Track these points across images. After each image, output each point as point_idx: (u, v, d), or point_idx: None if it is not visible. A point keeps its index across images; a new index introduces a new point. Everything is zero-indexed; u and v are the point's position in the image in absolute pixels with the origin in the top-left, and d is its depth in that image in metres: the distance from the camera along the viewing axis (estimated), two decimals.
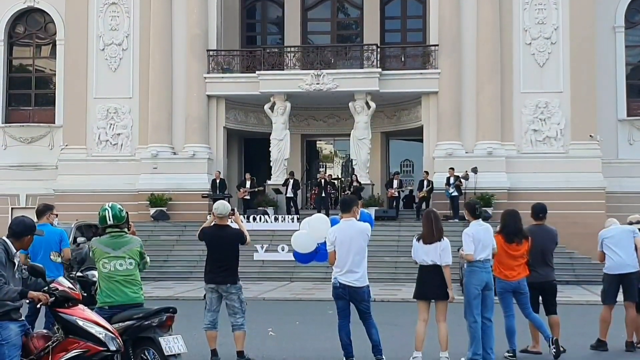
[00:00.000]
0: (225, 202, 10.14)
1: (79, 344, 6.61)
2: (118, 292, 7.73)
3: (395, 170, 29.52)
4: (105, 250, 7.80)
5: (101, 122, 28.90)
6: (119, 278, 7.77)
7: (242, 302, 9.74)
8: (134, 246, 7.97)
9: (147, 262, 8.07)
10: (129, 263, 7.84)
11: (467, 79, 27.64)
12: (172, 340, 7.39)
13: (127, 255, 7.85)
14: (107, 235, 7.97)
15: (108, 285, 7.71)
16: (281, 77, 28.24)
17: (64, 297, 6.74)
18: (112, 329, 6.86)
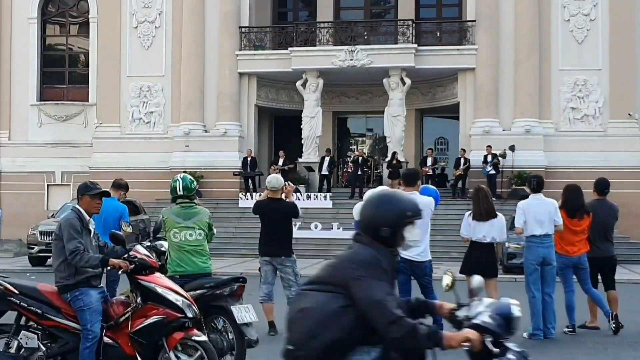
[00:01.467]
0: (278, 176, 10.09)
1: (157, 311, 6.63)
2: (188, 261, 7.86)
3: (430, 148, 29.17)
4: (176, 220, 7.93)
5: (134, 100, 28.92)
6: (188, 248, 7.91)
7: (297, 275, 9.72)
8: (203, 217, 8.11)
9: (214, 233, 8.20)
10: (198, 233, 7.97)
11: (505, 55, 27.22)
12: (243, 309, 7.45)
13: (196, 225, 7.99)
14: (177, 205, 8.08)
15: (179, 255, 7.82)
16: (314, 54, 27.99)
17: (143, 264, 6.74)
18: (188, 297, 6.85)
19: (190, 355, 6.65)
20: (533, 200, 9.65)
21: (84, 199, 6.85)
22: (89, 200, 6.85)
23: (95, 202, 6.87)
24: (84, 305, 6.55)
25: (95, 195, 6.87)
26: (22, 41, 30.69)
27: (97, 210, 6.93)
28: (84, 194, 6.87)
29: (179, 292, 6.78)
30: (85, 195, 6.87)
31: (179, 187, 8.03)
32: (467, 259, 9.72)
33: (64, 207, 23.00)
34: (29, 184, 30.14)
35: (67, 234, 6.58)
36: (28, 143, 30.55)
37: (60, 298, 6.69)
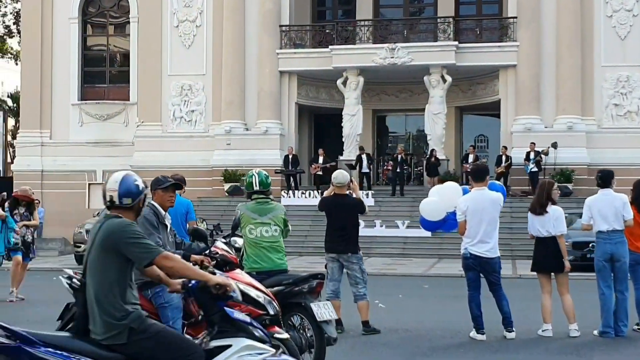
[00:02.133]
0: (344, 172, 9.97)
1: (240, 307, 6.45)
2: (265, 258, 7.75)
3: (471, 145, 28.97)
4: (252, 216, 7.81)
5: (175, 99, 29.11)
6: (265, 244, 7.79)
7: (364, 272, 9.63)
8: (279, 213, 7.98)
9: (289, 229, 8.05)
10: (274, 230, 7.85)
11: (547, 52, 27.01)
12: (322, 306, 7.33)
13: (272, 221, 7.86)
14: (253, 201, 7.97)
15: (255, 251, 7.72)
16: (354, 52, 27.96)
17: (224, 260, 6.70)
18: (269, 293, 6.70)
19: None
20: (600, 195, 9.56)
21: (156, 194, 6.75)
22: (162, 194, 6.74)
23: (168, 196, 6.77)
24: (166, 302, 6.47)
25: (168, 188, 6.77)
26: (63, 41, 31.00)
27: (171, 203, 6.84)
28: (156, 188, 6.77)
29: (260, 289, 6.64)
30: (157, 189, 6.76)
31: (255, 183, 7.93)
32: (533, 256, 9.66)
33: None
34: (71, 183, 30.42)
35: (144, 229, 6.36)
36: (69, 142, 30.83)
37: (141, 295, 6.63)
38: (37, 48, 30.91)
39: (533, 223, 9.45)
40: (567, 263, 9.37)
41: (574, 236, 18.68)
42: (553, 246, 9.39)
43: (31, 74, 31.06)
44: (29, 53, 31.32)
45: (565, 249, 9.41)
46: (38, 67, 30.88)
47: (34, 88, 30.98)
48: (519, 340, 9.18)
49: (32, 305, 12.73)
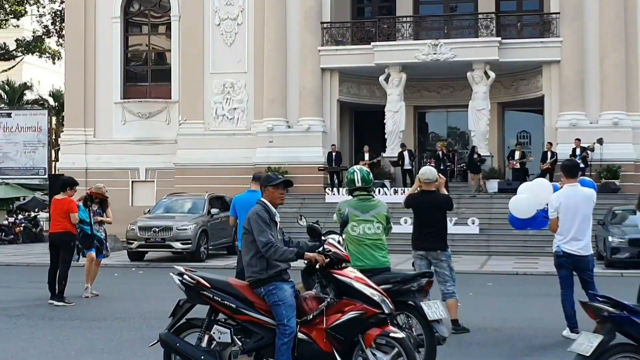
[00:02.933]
0: (432, 168, 9.89)
1: (355, 306, 6.42)
2: (368, 255, 7.70)
3: (517, 141, 28.90)
4: (354, 213, 7.73)
5: (218, 97, 29.29)
6: (368, 242, 7.74)
7: (452, 270, 9.50)
8: (382, 210, 7.91)
9: (391, 227, 7.98)
10: (376, 227, 7.79)
11: (590, 47, 26.85)
12: (432, 305, 7.23)
13: (375, 219, 7.80)
14: (354, 198, 7.92)
15: (358, 249, 7.64)
16: (396, 48, 27.95)
17: (337, 257, 6.59)
18: (382, 291, 6.63)
19: (386, 352, 6.41)
20: None
21: (267, 191, 6.74)
22: (273, 191, 6.72)
23: (279, 193, 6.74)
24: (279, 299, 6.43)
25: (279, 185, 6.76)
26: (105, 41, 31.30)
27: (281, 200, 6.82)
28: (267, 185, 6.76)
29: (373, 287, 6.59)
30: (268, 186, 6.76)
31: (357, 179, 7.90)
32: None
33: (160, 203, 23.41)
34: (114, 181, 30.58)
35: (257, 226, 6.49)
36: (112, 140, 31.15)
37: (253, 293, 6.57)
38: (80, 47, 31.24)
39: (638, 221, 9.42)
40: None
41: (629, 233, 18.62)
42: None
43: (75, 73, 31.40)
44: (73, 52, 31.65)
45: None
46: (82, 66, 31.21)
47: (78, 87, 31.31)
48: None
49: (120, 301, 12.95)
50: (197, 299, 6.70)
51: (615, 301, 5.50)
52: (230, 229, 22.74)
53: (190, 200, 23.11)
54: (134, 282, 16.66)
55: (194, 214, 22.05)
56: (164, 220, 21.48)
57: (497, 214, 24.74)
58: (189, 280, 6.70)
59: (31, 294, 14.04)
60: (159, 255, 21.99)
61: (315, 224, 7.22)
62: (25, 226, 31.79)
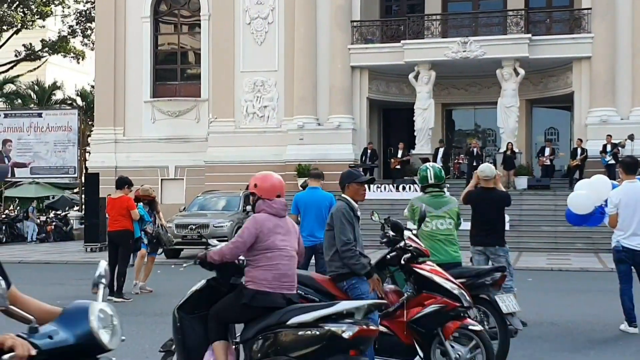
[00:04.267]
0: (491, 165, 10.03)
1: (435, 299, 6.63)
2: (441, 250, 7.88)
3: (546, 138, 28.97)
4: (427, 209, 7.85)
5: (248, 95, 29.50)
6: (440, 237, 7.93)
7: (510, 265, 9.65)
8: (453, 206, 8.12)
9: (460, 222, 8.15)
10: (448, 222, 7.98)
11: (622, 43, 26.85)
12: (506, 298, 7.44)
13: (447, 214, 7.99)
14: (427, 194, 8.11)
15: (431, 244, 7.77)
16: (426, 46, 28.07)
17: (417, 252, 6.81)
18: (461, 285, 6.83)
19: (464, 345, 6.63)
20: None
21: (350, 187, 6.79)
22: (357, 187, 6.78)
23: (362, 189, 6.82)
24: (362, 293, 6.55)
25: (362, 182, 6.85)
26: (135, 40, 31.59)
27: (363, 197, 6.87)
28: (351, 181, 6.81)
29: (452, 281, 6.80)
30: (352, 183, 6.80)
31: (430, 176, 8.10)
32: None
33: (195, 201, 23.64)
34: (144, 179, 30.75)
35: (340, 224, 6.57)
36: (142, 139, 31.43)
37: (336, 287, 6.70)
38: (110, 47, 31.54)
39: None
40: None
41: None
42: None
43: (105, 73, 31.72)
44: (103, 52, 31.95)
45: None
46: (112, 66, 31.52)
47: (108, 86, 31.62)
48: None
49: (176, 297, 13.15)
50: None
51: None
52: None
53: (225, 197, 23.33)
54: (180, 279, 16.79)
55: (229, 211, 22.26)
56: (200, 217, 21.72)
57: (528, 210, 24.86)
58: None
59: (85, 290, 14.26)
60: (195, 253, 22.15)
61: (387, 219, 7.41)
62: (56, 225, 32.11)
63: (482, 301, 7.42)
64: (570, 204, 10.01)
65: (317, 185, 10.92)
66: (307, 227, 10.50)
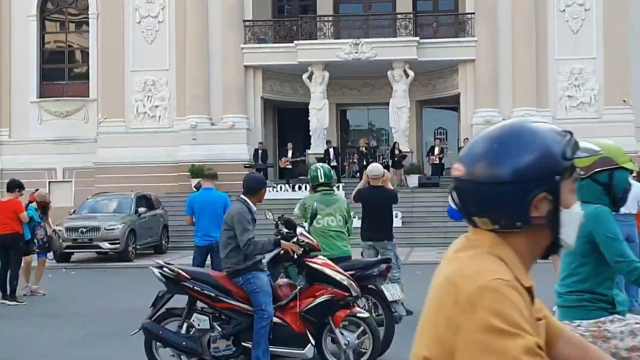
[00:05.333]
0: (379, 165, 10.52)
1: (326, 290, 7.08)
2: (332, 245, 8.31)
3: (435, 137, 29.90)
4: (319, 207, 8.25)
5: (139, 95, 29.10)
6: (331, 233, 8.37)
7: (398, 258, 10.22)
8: (343, 204, 8.62)
9: (352, 220, 8.53)
10: (339, 219, 8.45)
11: (503, 46, 28.00)
12: (391, 287, 8.02)
13: (337, 212, 8.44)
14: (318, 193, 8.46)
15: (322, 240, 8.13)
16: (319, 47, 28.46)
17: (309, 247, 7.21)
18: (350, 277, 7.26)
19: (353, 331, 7.14)
20: None
21: (261, 192, 7.29)
22: (263, 192, 7.36)
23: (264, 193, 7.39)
24: (257, 287, 6.92)
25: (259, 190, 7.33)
26: (21, 39, 30.63)
27: (261, 201, 7.38)
28: (262, 187, 7.34)
29: (342, 273, 7.25)
30: (263, 188, 7.34)
31: (321, 175, 8.53)
32: None
33: (85, 204, 23.16)
34: (31, 182, 29.95)
35: (241, 226, 6.92)
36: (29, 140, 30.50)
37: (231, 282, 7.05)
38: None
39: None
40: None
41: None
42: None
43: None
44: None
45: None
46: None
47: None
48: None
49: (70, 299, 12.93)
50: (177, 290, 7.14)
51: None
52: (157, 228, 22.86)
53: (116, 199, 22.94)
54: (73, 282, 16.63)
55: (121, 213, 21.93)
56: (91, 220, 21.32)
57: (419, 207, 25.62)
58: (168, 272, 7.09)
59: None
60: (86, 256, 21.81)
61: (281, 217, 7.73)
62: None
63: (370, 291, 7.89)
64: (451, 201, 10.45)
65: (211, 186, 11.10)
66: (202, 227, 10.85)
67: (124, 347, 8.48)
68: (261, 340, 6.83)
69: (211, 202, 10.77)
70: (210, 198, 10.87)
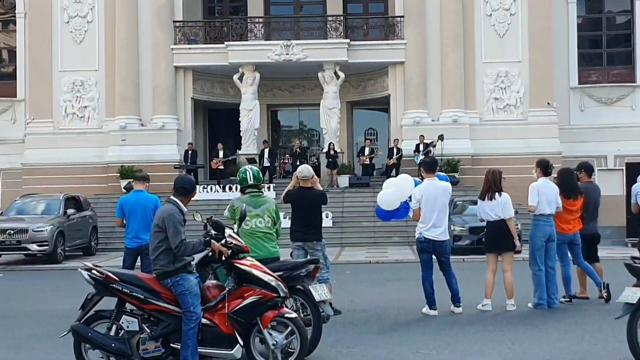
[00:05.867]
0: (308, 167, 10.61)
1: (254, 291, 7.18)
2: (260, 247, 8.42)
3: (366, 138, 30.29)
4: (247, 208, 8.37)
5: (67, 95, 28.72)
6: (260, 234, 8.47)
7: (327, 258, 10.35)
8: (271, 206, 8.67)
9: (281, 221, 8.65)
10: (267, 221, 8.54)
11: (432, 49, 28.53)
12: (319, 287, 8.11)
13: (265, 213, 8.52)
14: (247, 195, 8.54)
15: (251, 241, 8.28)
16: (249, 48, 28.53)
17: (238, 248, 7.32)
18: (278, 277, 7.38)
19: (281, 331, 7.24)
20: (543, 182, 10.67)
21: (193, 194, 7.37)
22: (195, 194, 7.46)
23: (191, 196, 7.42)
24: (185, 289, 6.99)
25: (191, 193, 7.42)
26: None
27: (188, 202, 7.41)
28: (194, 189, 7.41)
29: (270, 274, 7.36)
30: (194, 191, 7.40)
31: (250, 177, 8.62)
32: (485, 238, 10.73)
33: (12, 205, 22.75)
34: None
35: (173, 227, 7.00)
36: None
37: (160, 284, 7.10)
38: None
39: (483, 208, 10.49)
40: (518, 243, 10.44)
41: (470, 222, 20.20)
42: (501, 228, 10.40)
43: None
44: None
45: (514, 230, 10.44)
46: None
47: None
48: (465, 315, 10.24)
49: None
50: (106, 292, 7.16)
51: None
52: (86, 230, 22.62)
53: (44, 201, 22.58)
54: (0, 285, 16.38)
55: (49, 215, 21.62)
56: (19, 222, 20.98)
57: (349, 207, 25.97)
58: (97, 274, 7.12)
59: None
60: (14, 259, 21.48)
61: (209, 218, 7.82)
62: None
63: (297, 291, 8.01)
64: (379, 201, 10.78)
65: (142, 188, 11.10)
66: (132, 229, 10.88)
67: (53, 350, 8.50)
68: (190, 341, 6.90)
69: (142, 204, 10.82)
70: (141, 200, 10.91)
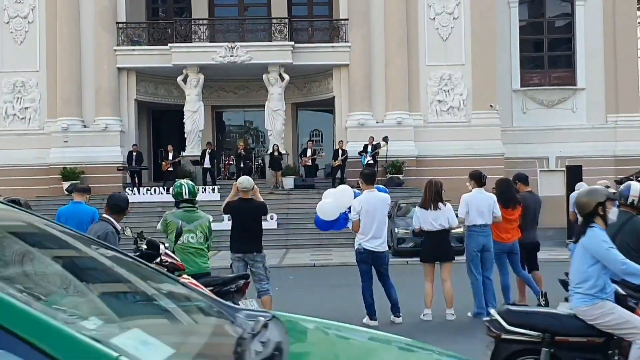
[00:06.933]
0: (249, 178, 10.56)
1: None
2: (192, 262, 8.39)
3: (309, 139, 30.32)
4: (180, 223, 8.35)
5: (7, 96, 28.21)
6: (191, 250, 8.45)
7: (267, 269, 10.29)
8: (204, 221, 8.65)
9: (212, 237, 8.61)
10: (199, 237, 8.51)
11: (376, 52, 28.70)
12: (249, 303, 8.12)
13: (198, 229, 8.49)
14: (180, 209, 8.46)
15: (182, 256, 8.21)
16: (194, 50, 28.36)
17: (173, 267, 7.26)
18: (212, 295, 7.34)
19: None
20: (476, 193, 10.78)
21: (127, 212, 7.51)
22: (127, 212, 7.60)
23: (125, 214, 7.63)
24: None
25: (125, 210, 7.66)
26: None
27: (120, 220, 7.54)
28: (127, 207, 7.59)
29: (207, 292, 7.35)
30: (128, 208, 7.60)
31: (185, 192, 8.57)
32: (422, 248, 10.81)
33: None
34: None
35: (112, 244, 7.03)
36: None
37: None
38: None
39: (426, 218, 10.52)
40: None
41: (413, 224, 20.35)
42: (442, 238, 10.52)
43: None
44: None
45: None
46: None
47: None
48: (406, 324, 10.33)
49: None
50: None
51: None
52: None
53: None
54: None
55: None
56: None
57: (294, 209, 25.95)
58: None
59: None
60: None
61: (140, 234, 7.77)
62: None
63: None
64: (319, 211, 10.79)
65: (81, 200, 10.94)
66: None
67: None
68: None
69: (77, 216, 10.63)
70: (78, 212, 10.74)
